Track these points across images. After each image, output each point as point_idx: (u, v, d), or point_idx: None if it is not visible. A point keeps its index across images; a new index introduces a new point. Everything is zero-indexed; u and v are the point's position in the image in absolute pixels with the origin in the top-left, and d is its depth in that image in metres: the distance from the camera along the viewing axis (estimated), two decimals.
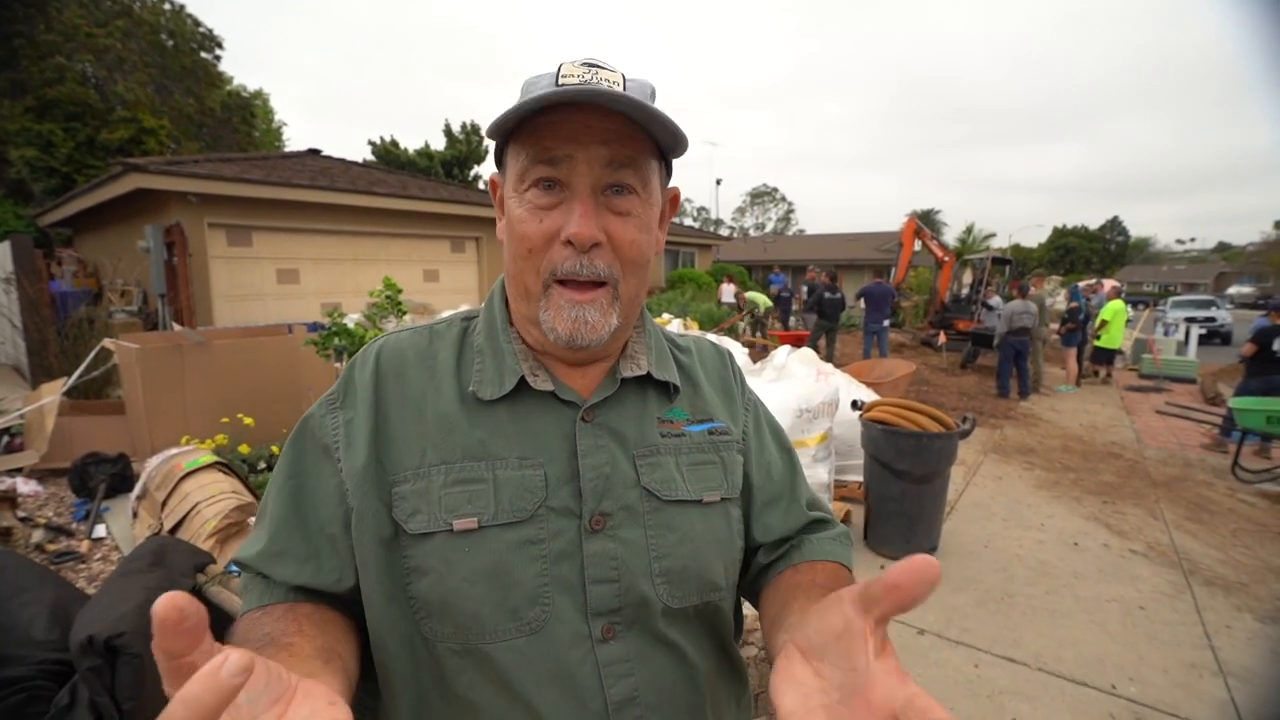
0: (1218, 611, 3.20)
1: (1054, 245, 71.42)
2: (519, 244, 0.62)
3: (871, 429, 3.66)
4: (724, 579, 0.69)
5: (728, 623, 0.73)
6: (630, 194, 0.62)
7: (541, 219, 0.61)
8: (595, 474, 0.64)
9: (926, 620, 3.03)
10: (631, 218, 0.62)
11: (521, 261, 0.63)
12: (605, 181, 0.61)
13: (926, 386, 8.65)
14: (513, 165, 0.63)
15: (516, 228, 0.62)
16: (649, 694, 0.61)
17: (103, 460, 3.94)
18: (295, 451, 0.67)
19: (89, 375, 5.13)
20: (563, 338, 0.62)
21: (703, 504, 0.68)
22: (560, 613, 0.60)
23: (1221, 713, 2.45)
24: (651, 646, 0.63)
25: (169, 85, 18.69)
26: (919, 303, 15.97)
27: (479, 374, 0.66)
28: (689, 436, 0.71)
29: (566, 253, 0.60)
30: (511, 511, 0.61)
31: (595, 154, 0.59)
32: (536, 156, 0.60)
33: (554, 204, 0.60)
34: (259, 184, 9.03)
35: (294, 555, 0.62)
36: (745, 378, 0.85)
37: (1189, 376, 10.38)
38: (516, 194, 0.62)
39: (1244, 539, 4.13)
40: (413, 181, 13.11)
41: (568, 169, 0.60)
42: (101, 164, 13.88)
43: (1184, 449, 6.36)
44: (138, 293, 9.17)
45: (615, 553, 0.63)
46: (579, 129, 0.59)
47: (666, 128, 0.60)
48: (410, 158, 23.31)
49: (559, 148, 0.59)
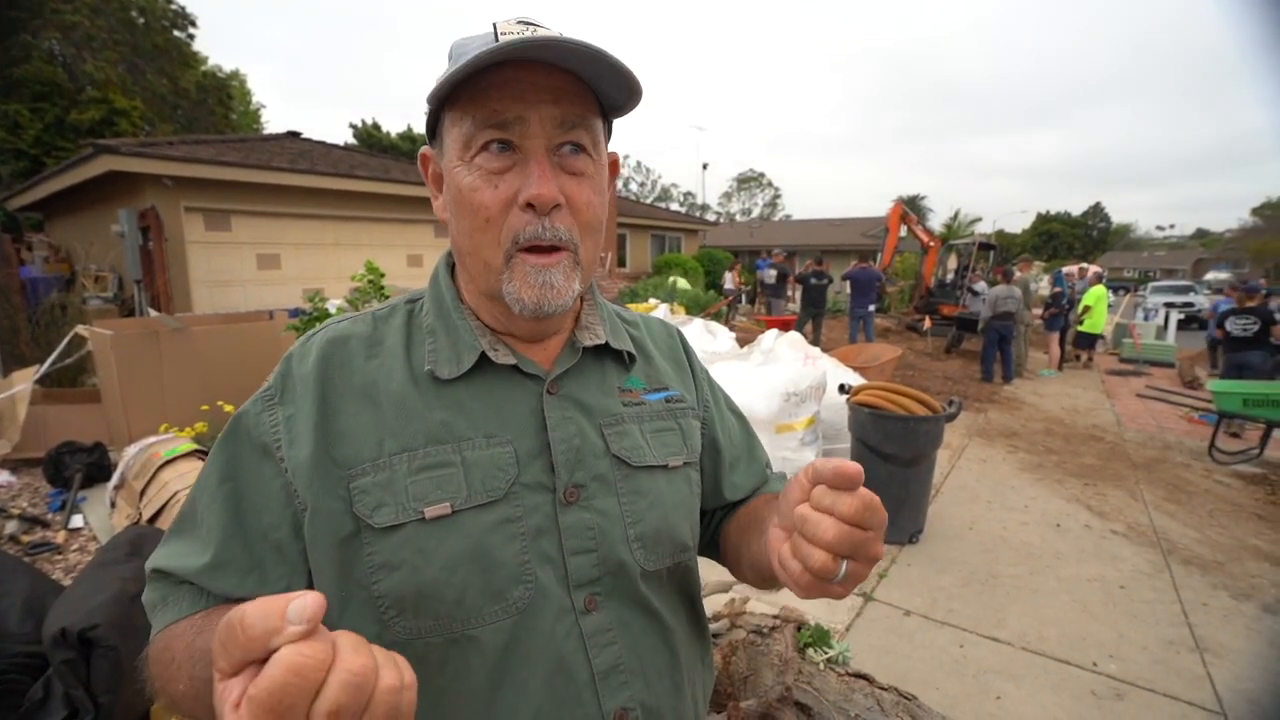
0: (1195, 590, 3.27)
1: (1038, 231, 72.10)
2: (474, 215, 0.58)
3: (859, 413, 3.67)
4: (690, 539, 0.72)
5: (695, 582, 0.76)
6: (583, 154, 0.60)
7: (496, 184, 0.57)
8: (566, 446, 0.63)
9: (913, 602, 3.06)
10: (586, 178, 0.61)
11: (478, 235, 0.59)
12: (557, 141, 0.58)
13: (912, 371, 8.72)
14: (454, 133, 0.59)
15: (468, 198, 0.58)
16: (631, 660, 0.63)
17: (78, 449, 3.85)
18: (228, 453, 0.61)
19: (62, 363, 5.02)
20: (529, 307, 0.59)
21: (668, 469, 0.70)
22: (544, 589, 0.59)
23: (1198, 687, 2.51)
24: (631, 613, 0.64)
25: (140, 65, 18.11)
26: (905, 288, 16.07)
27: (433, 353, 0.63)
28: (648, 405, 0.73)
29: (527, 217, 0.58)
30: (485, 492, 0.59)
31: (547, 113, 0.57)
32: (484, 120, 0.56)
33: (506, 167, 0.57)
34: (237, 167, 8.81)
35: (235, 567, 0.58)
36: (694, 350, 0.87)
37: (1168, 361, 10.58)
38: (463, 163, 0.58)
39: (1220, 519, 4.22)
40: (395, 165, 12.85)
41: (519, 130, 0.57)
42: (71, 146, 13.49)
43: (1163, 431, 6.48)
44: (113, 278, 8.95)
45: (592, 523, 0.63)
46: (527, 88, 0.56)
47: (621, 77, 0.58)
48: (393, 141, 22.95)
49: (508, 108, 0.56)
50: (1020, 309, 8.62)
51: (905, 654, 2.67)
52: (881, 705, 1.50)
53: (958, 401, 3.77)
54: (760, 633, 1.82)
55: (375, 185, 10.52)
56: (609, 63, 0.55)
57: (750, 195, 70.41)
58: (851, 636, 2.76)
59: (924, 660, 2.63)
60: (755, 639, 1.79)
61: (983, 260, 13.25)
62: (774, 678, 1.64)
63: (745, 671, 1.72)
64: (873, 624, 2.88)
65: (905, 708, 1.51)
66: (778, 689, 1.55)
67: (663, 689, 0.66)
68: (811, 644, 1.83)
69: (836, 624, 2.82)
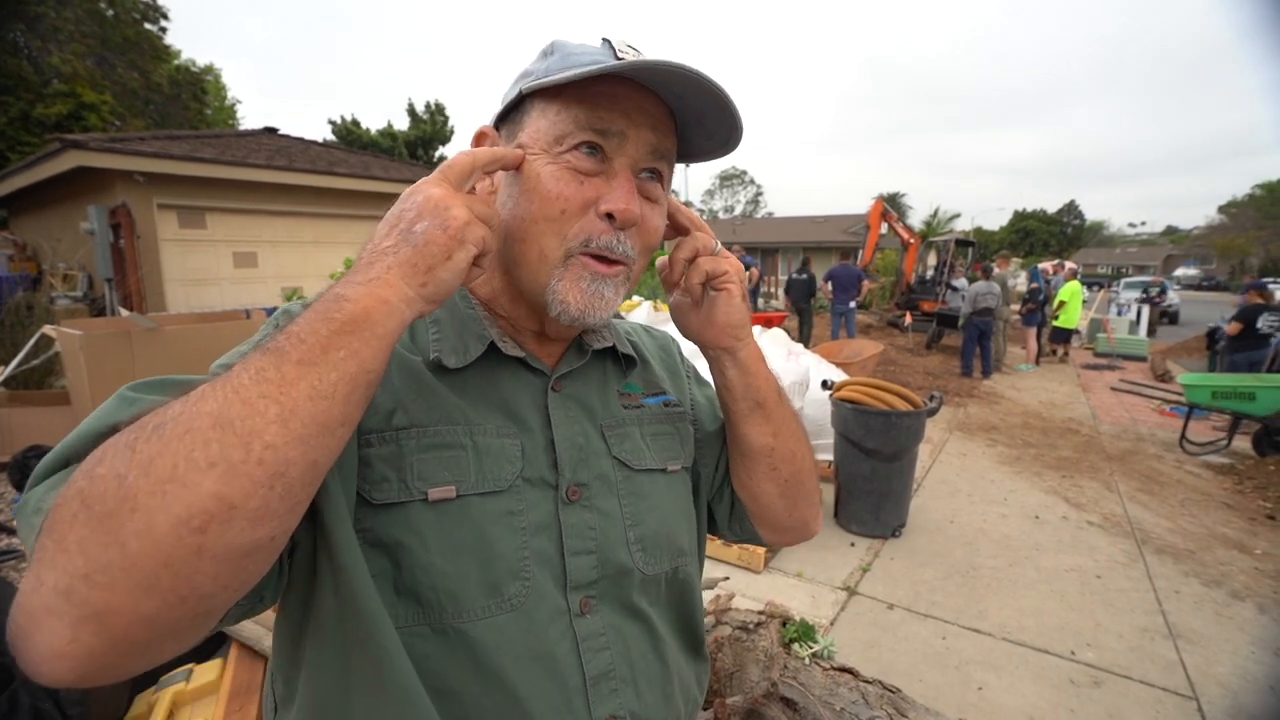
0: (1168, 578, 3.35)
1: (1014, 228, 73.31)
2: (549, 203, 0.58)
3: (841, 408, 3.69)
4: (688, 544, 0.73)
5: (693, 593, 0.75)
6: (658, 182, 0.62)
7: (581, 181, 0.58)
8: (570, 444, 0.64)
9: (896, 595, 3.10)
10: (659, 206, 0.63)
11: (545, 224, 0.58)
12: (643, 165, 0.60)
13: (893, 366, 8.82)
14: (543, 124, 0.59)
15: (549, 185, 0.58)
16: (623, 667, 0.62)
17: (46, 453, 3.74)
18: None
19: (29, 364, 4.88)
20: (571, 312, 0.59)
21: (667, 472, 0.71)
22: (540, 587, 0.58)
23: (1172, 673, 2.57)
24: (625, 619, 0.64)
25: (110, 58, 17.62)
26: (886, 284, 16.22)
27: (437, 341, 0.62)
28: (647, 409, 0.74)
29: (603, 226, 0.58)
30: (493, 480, 0.58)
31: (644, 137, 0.59)
32: (588, 122, 0.57)
33: (595, 171, 0.58)
34: (212, 163, 8.62)
35: None
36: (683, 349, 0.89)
37: (1140, 355, 10.82)
38: (548, 153, 0.58)
39: (1191, 508, 4.33)
40: (375, 162, 12.68)
41: (616, 144, 0.58)
42: (37, 141, 13.10)
43: (1136, 424, 6.62)
44: (82, 277, 8.72)
45: (593, 523, 0.63)
46: (634, 108, 0.58)
47: (728, 131, 0.62)
48: (373, 138, 22.57)
49: (614, 120, 0.58)
50: (999, 305, 8.75)
51: (889, 647, 2.70)
52: (866, 698, 1.51)
53: (939, 396, 3.82)
54: (745, 629, 1.82)
55: (355, 182, 10.38)
56: (725, 109, 0.59)
57: (733, 193, 70.67)
58: (836, 631, 2.79)
59: (907, 653, 2.66)
60: (741, 635, 1.80)
61: (961, 257, 13.42)
62: (760, 673, 1.64)
63: (731, 668, 1.72)
64: (857, 618, 2.91)
65: (890, 700, 1.52)
66: (763, 684, 1.56)
67: (653, 699, 0.65)
68: (797, 639, 1.84)
69: (821, 619, 2.84)
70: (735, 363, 0.71)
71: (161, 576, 0.36)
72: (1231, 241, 48.51)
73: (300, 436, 0.39)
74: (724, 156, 0.67)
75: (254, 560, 0.41)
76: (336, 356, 0.42)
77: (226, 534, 0.37)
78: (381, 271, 0.46)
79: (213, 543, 0.37)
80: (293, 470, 0.39)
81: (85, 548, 0.36)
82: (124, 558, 0.36)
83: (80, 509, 0.37)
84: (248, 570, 0.41)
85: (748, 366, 0.71)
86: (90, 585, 0.36)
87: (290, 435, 0.39)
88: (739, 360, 0.71)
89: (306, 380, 0.40)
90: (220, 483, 0.37)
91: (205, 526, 0.36)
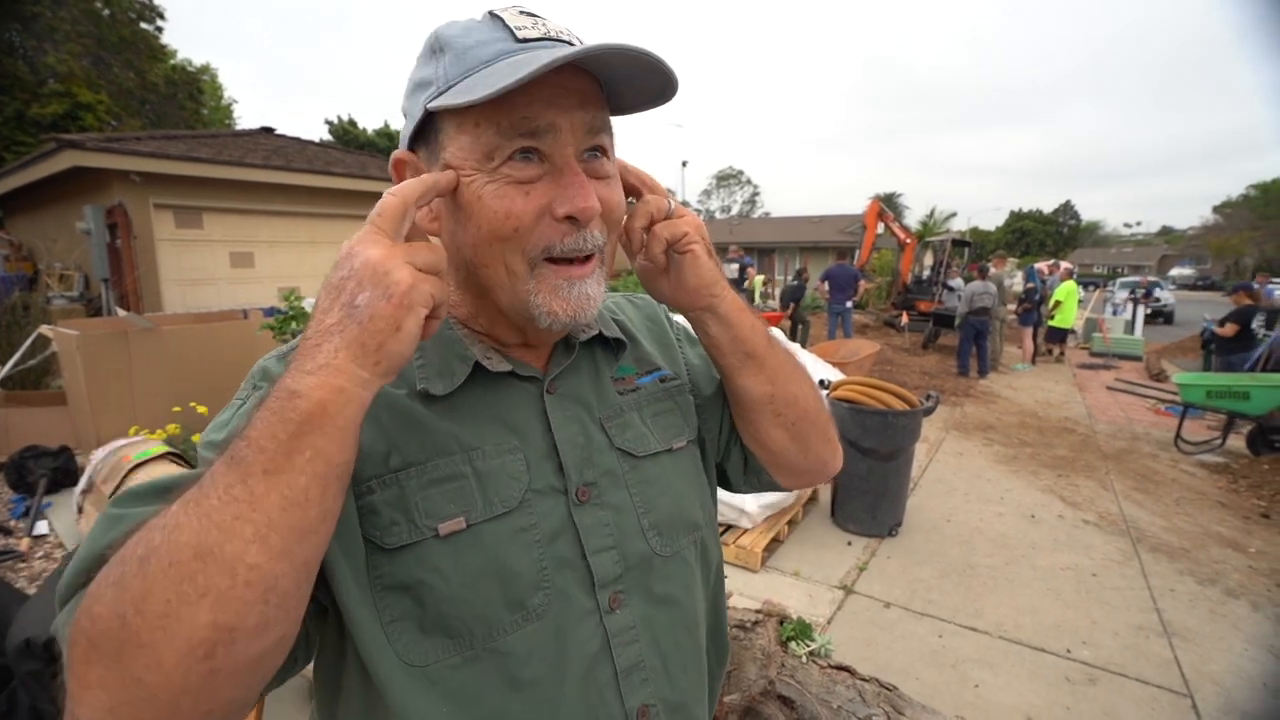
0: (1162, 576, 3.37)
1: (1010, 228, 73.44)
2: (501, 224, 0.54)
3: (838, 408, 3.70)
4: (703, 516, 0.72)
5: (714, 562, 0.75)
6: (604, 156, 0.58)
7: (527, 192, 0.54)
8: (572, 445, 0.63)
9: (893, 594, 3.11)
10: (611, 180, 0.59)
11: (500, 245, 0.55)
12: (585, 146, 0.56)
13: (890, 366, 8.84)
14: (464, 140, 0.54)
15: (495, 205, 0.53)
16: (652, 657, 0.63)
17: (43, 453, 3.74)
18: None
19: (25, 364, 4.87)
20: (562, 320, 0.57)
21: (672, 451, 0.71)
22: (563, 592, 0.58)
23: (1167, 671, 2.58)
24: (653, 607, 0.64)
25: (106, 58, 17.57)
26: (882, 284, 16.25)
27: (422, 369, 0.60)
28: (644, 389, 0.72)
29: (564, 229, 0.55)
30: (500, 503, 0.57)
31: (577, 120, 0.54)
32: (514, 128, 0.52)
33: (537, 176, 0.54)
34: (208, 163, 8.59)
35: None
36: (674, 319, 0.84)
37: (1135, 354, 10.86)
38: (482, 171, 0.53)
39: (1185, 507, 4.35)
40: (372, 162, 12.64)
41: (551, 139, 0.53)
42: (33, 140, 13.05)
43: (1131, 423, 6.65)
44: (78, 277, 8.69)
45: (607, 519, 0.62)
46: (558, 92, 0.53)
47: (660, 80, 0.55)
48: (370, 138, 22.58)
49: (540, 115, 0.52)
50: (995, 304, 8.78)
51: (886, 645, 2.71)
52: (863, 696, 1.52)
53: (935, 396, 3.83)
54: (743, 627, 1.83)
55: (352, 182, 10.36)
56: (655, 68, 0.53)
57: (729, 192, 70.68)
58: (833, 629, 2.80)
59: (904, 651, 2.67)
60: (738, 633, 1.80)
61: (958, 257, 13.46)
62: (757, 671, 1.65)
63: (729, 666, 1.73)
64: (854, 616, 2.92)
65: (886, 698, 1.53)
66: (761, 683, 1.57)
67: (686, 682, 0.66)
68: (794, 637, 1.85)
69: (818, 617, 2.85)
70: (717, 319, 0.67)
71: (182, 702, 0.38)
72: (1226, 242, 48.70)
73: (282, 550, 0.39)
74: (661, 106, 0.61)
75: (270, 659, 0.43)
76: (302, 460, 0.40)
77: (233, 653, 0.39)
78: (329, 356, 0.43)
79: (223, 664, 0.38)
80: (283, 581, 0.40)
81: (105, 685, 0.38)
82: (143, 691, 0.37)
83: (89, 649, 0.39)
84: (266, 667, 0.43)
85: (730, 319, 0.67)
86: (119, 719, 0.38)
87: (272, 551, 0.39)
88: (720, 315, 0.67)
89: (276, 491, 0.40)
90: (214, 611, 0.37)
91: (211, 652, 0.38)
